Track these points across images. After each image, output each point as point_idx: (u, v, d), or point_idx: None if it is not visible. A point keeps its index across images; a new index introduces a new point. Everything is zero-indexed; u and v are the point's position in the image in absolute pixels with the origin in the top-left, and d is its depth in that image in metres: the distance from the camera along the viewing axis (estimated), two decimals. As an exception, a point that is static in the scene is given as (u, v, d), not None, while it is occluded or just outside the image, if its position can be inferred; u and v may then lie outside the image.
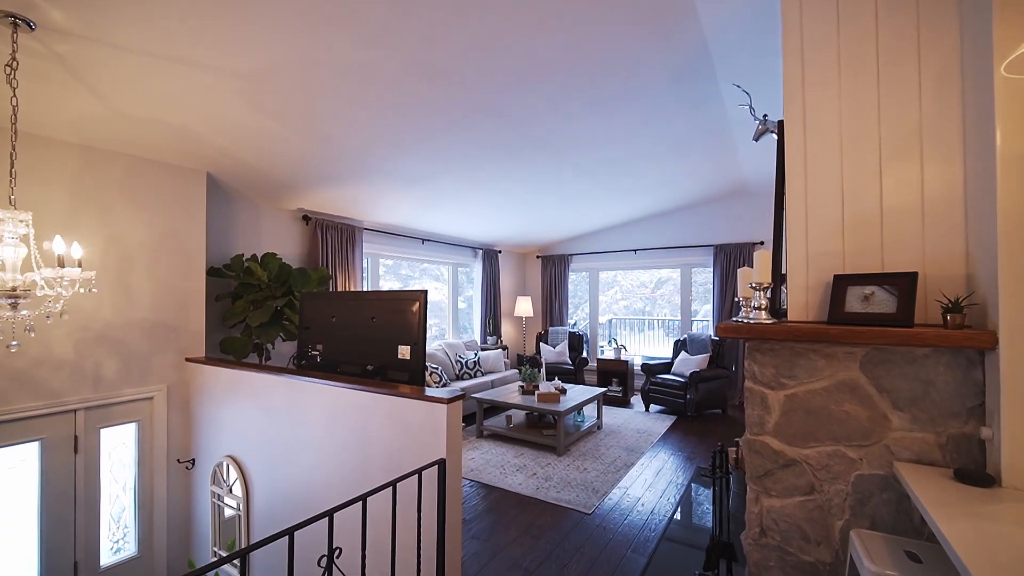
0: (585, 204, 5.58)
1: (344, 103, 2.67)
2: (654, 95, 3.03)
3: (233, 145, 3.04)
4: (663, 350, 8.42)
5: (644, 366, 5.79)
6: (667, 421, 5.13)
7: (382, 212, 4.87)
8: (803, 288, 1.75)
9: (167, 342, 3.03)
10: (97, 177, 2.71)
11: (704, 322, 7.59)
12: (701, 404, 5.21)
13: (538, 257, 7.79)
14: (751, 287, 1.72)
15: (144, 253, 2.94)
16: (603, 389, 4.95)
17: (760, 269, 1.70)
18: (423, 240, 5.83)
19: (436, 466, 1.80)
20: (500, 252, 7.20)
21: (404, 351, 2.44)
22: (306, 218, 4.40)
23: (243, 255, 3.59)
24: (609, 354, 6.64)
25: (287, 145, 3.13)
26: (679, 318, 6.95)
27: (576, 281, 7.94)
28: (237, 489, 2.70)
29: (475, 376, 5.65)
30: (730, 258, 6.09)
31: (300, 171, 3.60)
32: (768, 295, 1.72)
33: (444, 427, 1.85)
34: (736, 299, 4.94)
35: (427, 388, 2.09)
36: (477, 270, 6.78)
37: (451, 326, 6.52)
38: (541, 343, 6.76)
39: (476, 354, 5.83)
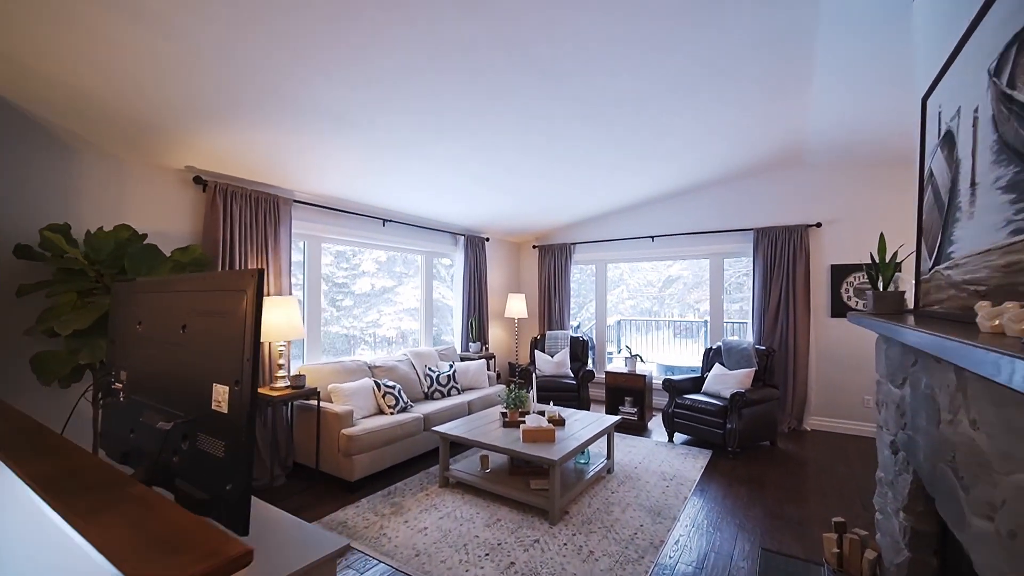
0: (592, 173, 4.32)
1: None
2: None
3: (8, 41, 1.81)
4: (686, 357, 7.17)
5: (667, 383, 4.51)
6: (701, 458, 3.86)
7: (320, 178, 3.63)
8: None
9: None
10: None
11: (739, 324, 6.33)
12: (745, 435, 3.92)
13: (535, 247, 6.53)
14: None
15: None
16: (615, 418, 3.68)
17: None
18: (384, 221, 4.59)
19: None
20: (488, 240, 5.96)
21: (220, 395, 1.20)
22: (200, 181, 3.17)
23: (68, 226, 2.36)
24: (619, 364, 5.37)
25: (125, 45, 1.90)
26: (707, 319, 5.67)
27: (580, 279, 6.69)
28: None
29: (449, 395, 4.40)
30: (775, 245, 4.80)
31: (169, 101, 2.37)
32: None
33: None
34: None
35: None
36: (458, 261, 5.53)
37: (423, 330, 5.28)
38: (536, 351, 5.50)
39: (452, 366, 4.59)
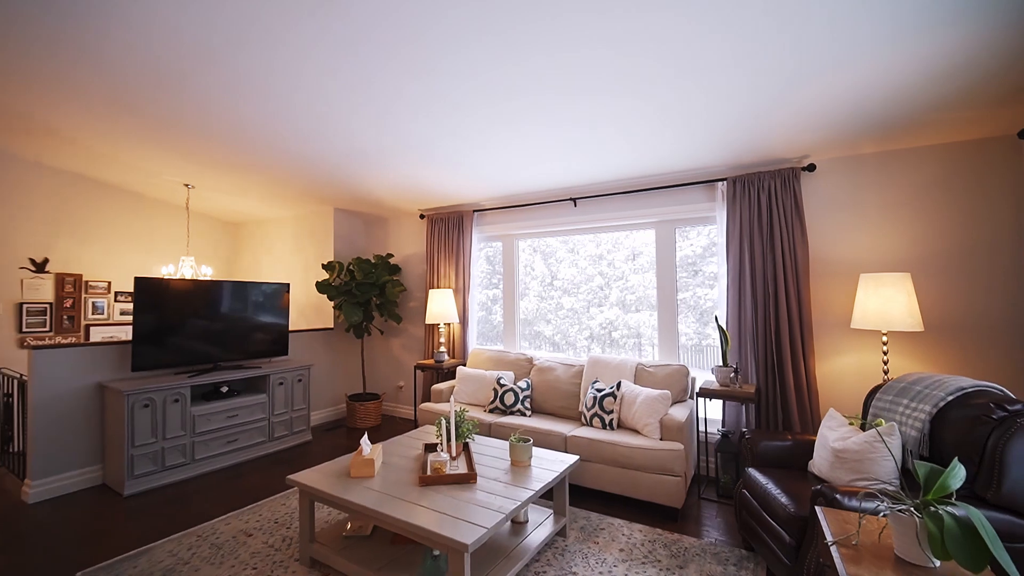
0: None
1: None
2: None
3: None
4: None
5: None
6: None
7: (501, 181, 3.74)
8: None
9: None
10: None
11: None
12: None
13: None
14: None
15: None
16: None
17: None
18: (574, 200, 3.81)
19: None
20: (811, 168, 2.86)
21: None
22: (422, 216, 4.64)
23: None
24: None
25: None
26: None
27: None
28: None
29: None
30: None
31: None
32: None
33: None
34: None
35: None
36: (720, 222, 3.17)
37: (659, 343, 3.52)
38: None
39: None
